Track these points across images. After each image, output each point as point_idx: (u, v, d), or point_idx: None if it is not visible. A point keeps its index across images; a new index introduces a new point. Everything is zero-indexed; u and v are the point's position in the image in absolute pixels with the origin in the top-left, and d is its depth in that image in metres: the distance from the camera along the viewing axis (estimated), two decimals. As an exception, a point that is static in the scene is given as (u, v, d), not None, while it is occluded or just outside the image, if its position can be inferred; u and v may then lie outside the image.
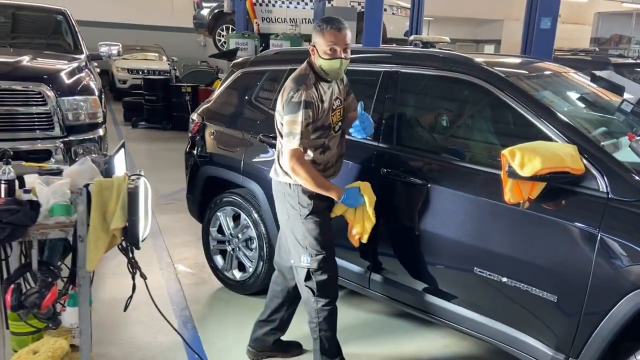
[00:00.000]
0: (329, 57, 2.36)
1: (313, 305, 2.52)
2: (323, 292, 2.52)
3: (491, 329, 2.45)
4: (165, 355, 2.89)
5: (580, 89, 2.85)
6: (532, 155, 2.08)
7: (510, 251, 2.32)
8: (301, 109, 2.31)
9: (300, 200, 2.47)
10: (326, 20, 2.41)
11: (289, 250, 2.58)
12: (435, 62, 2.75)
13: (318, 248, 2.48)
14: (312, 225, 2.47)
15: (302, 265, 2.50)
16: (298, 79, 2.40)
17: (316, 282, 2.50)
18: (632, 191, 2.07)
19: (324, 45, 2.36)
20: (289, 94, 2.35)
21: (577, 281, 2.12)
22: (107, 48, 6.12)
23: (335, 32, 2.35)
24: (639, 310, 1.99)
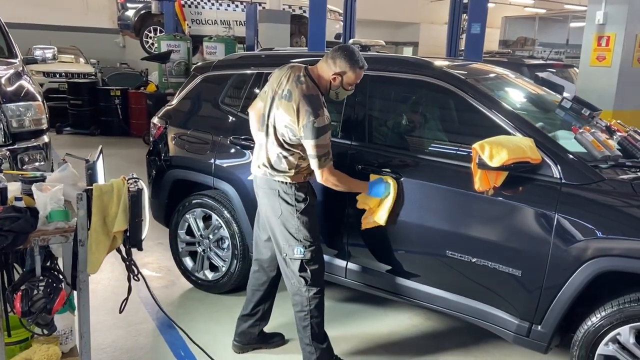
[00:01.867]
0: (350, 89, 2.66)
1: (305, 294, 2.68)
2: (315, 281, 2.68)
3: (463, 305, 2.73)
4: (150, 356, 2.93)
5: (525, 89, 3.21)
6: (499, 148, 2.37)
7: (479, 234, 2.61)
8: (325, 132, 2.51)
9: (297, 196, 2.63)
10: (360, 58, 2.60)
11: (278, 244, 2.72)
12: (401, 66, 2.99)
13: (311, 240, 2.65)
14: (305, 219, 2.64)
15: (295, 257, 2.65)
16: (314, 102, 2.51)
17: (310, 271, 2.66)
18: (581, 176, 2.42)
19: (353, 80, 2.62)
20: (309, 118, 2.47)
21: (539, 257, 2.43)
22: (41, 52, 5.92)
23: (363, 72, 2.64)
24: (590, 279, 2.33)
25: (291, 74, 2.59)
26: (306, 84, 2.55)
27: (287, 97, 2.55)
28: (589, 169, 2.43)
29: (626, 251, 2.26)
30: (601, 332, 2.34)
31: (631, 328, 2.28)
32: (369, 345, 3.12)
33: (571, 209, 2.38)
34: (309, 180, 2.74)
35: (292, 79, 2.57)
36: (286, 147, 2.61)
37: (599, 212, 2.35)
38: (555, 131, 2.87)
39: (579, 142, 2.58)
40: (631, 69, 4.96)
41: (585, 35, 5.01)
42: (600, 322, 2.34)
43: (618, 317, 2.30)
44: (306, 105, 2.49)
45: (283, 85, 2.58)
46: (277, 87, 2.62)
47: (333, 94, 2.65)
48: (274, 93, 2.62)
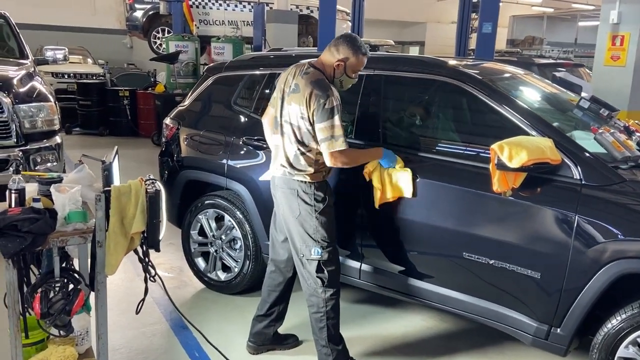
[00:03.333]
0: (354, 77, 2.67)
1: (322, 295, 2.66)
2: (331, 282, 2.67)
3: (479, 307, 2.70)
4: (165, 357, 2.92)
5: (540, 88, 3.18)
6: (518, 148, 2.34)
7: (497, 236, 2.58)
8: (336, 113, 2.50)
9: (316, 196, 2.63)
10: (362, 44, 2.63)
11: (294, 245, 2.71)
12: (416, 66, 2.97)
13: (328, 241, 2.64)
14: (324, 219, 2.63)
15: (312, 257, 2.64)
16: (322, 85, 2.53)
17: (327, 272, 2.65)
18: (601, 177, 2.39)
19: (357, 66, 2.63)
20: (319, 101, 2.49)
21: (559, 259, 2.41)
22: (52, 52, 5.94)
23: (366, 59, 2.66)
24: (611, 282, 2.30)
25: (296, 70, 2.63)
26: (312, 73, 2.59)
27: (295, 90, 2.58)
28: (610, 170, 2.41)
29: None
30: (621, 335, 2.31)
31: (653, 331, 2.26)
32: (383, 347, 3.10)
33: (592, 210, 2.35)
34: (327, 180, 2.73)
35: (298, 74, 2.61)
36: (304, 142, 2.60)
37: (620, 213, 2.33)
38: (572, 131, 2.84)
39: (598, 142, 2.55)
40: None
41: (599, 34, 4.96)
42: (621, 325, 2.31)
43: (639, 320, 2.27)
44: (315, 89, 2.52)
45: (290, 82, 2.62)
46: (285, 86, 2.65)
47: (337, 82, 2.64)
48: (283, 93, 2.65)
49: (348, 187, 2.97)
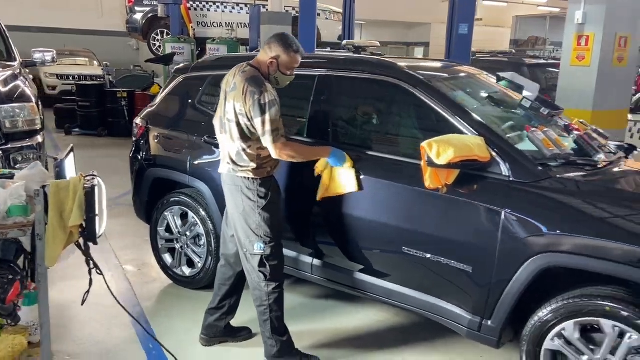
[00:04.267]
0: (289, 74, 2.77)
1: (264, 289, 2.75)
2: (273, 277, 2.76)
3: (420, 301, 2.78)
4: (120, 348, 3.03)
5: (489, 89, 3.25)
6: (446, 146, 2.42)
7: (432, 231, 2.66)
8: (270, 108, 2.58)
9: (259, 192, 2.71)
10: (293, 42, 2.73)
11: (239, 240, 2.80)
12: (364, 67, 3.06)
13: (271, 236, 2.73)
14: (267, 215, 2.71)
15: (255, 252, 2.73)
16: (256, 81, 2.62)
17: (269, 267, 2.74)
18: (528, 174, 2.46)
19: (290, 64, 2.73)
20: (254, 97, 2.58)
21: (488, 252, 2.48)
22: (41, 54, 6.08)
23: (300, 56, 2.75)
24: (536, 275, 2.36)
25: (236, 70, 2.74)
26: (248, 71, 2.70)
27: (234, 88, 2.68)
28: (537, 167, 2.47)
29: (569, 247, 2.29)
30: (547, 327, 2.38)
31: (575, 323, 2.32)
32: (333, 340, 3.18)
33: (518, 205, 2.42)
34: (273, 176, 2.82)
35: (237, 73, 2.72)
36: (245, 138, 2.68)
37: (544, 209, 2.39)
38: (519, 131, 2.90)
39: (530, 140, 2.62)
40: (610, 68, 4.93)
41: (565, 35, 5.00)
42: (546, 317, 2.37)
43: (563, 312, 2.33)
44: (249, 86, 2.61)
45: (230, 82, 2.73)
46: (226, 86, 2.76)
47: (273, 79, 2.73)
48: (225, 93, 2.75)
49: (299, 184, 3.06)
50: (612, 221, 2.28)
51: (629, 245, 2.16)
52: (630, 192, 2.47)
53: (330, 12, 12.17)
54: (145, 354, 2.98)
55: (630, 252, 2.15)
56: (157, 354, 2.97)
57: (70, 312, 3.35)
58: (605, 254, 2.20)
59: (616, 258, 2.18)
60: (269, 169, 2.78)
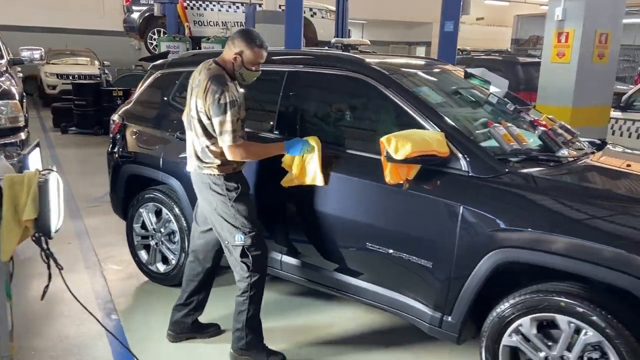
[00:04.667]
0: (255, 69, 2.74)
1: (247, 280, 2.74)
2: (257, 267, 2.75)
3: (383, 296, 2.77)
4: (87, 344, 3.04)
5: (460, 85, 3.23)
6: (404, 141, 2.41)
7: (394, 226, 2.65)
8: (229, 108, 2.57)
9: (227, 186, 2.71)
10: (256, 37, 2.70)
11: (220, 235, 2.79)
12: (333, 63, 3.05)
13: (250, 226, 2.73)
14: (241, 207, 2.72)
15: (237, 243, 2.72)
16: (219, 80, 2.61)
17: (252, 257, 2.73)
18: (486, 169, 2.44)
19: (254, 59, 2.70)
20: (214, 96, 2.57)
21: (447, 248, 2.46)
22: (29, 52, 6.11)
23: (264, 51, 2.72)
24: (493, 270, 2.35)
25: (202, 67, 2.73)
26: (212, 68, 2.68)
27: (198, 85, 2.67)
28: (495, 162, 2.46)
29: (525, 242, 2.27)
30: (505, 323, 2.36)
31: (532, 319, 2.29)
32: (305, 337, 3.17)
33: (475, 201, 2.41)
34: (240, 171, 2.81)
35: (202, 70, 2.71)
36: (208, 135, 2.67)
37: (500, 204, 2.37)
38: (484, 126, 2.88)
39: (492, 135, 2.60)
40: (590, 65, 4.88)
41: (546, 31, 4.95)
42: (504, 313, 2.35)
43: (519, 308, 2.31)
44: (211, 84, 2.60)
45: (195, 78, 2.72)
46: (192, 82, 2.75)
47: (238, 75, 2.72)
48: (191, 89, 2.74)
49: (265, 180, 3.05)
50: (564, 216, 2.25)
51: (579, 240, 2.14)
52: (586, 188, 2.45)
53: (327, 11, 12.16)
54: (111, 350, 2.98)
55: (581, 247, 2.13)
56: (123, 351, 2.97)
57: (42, 309, 3.35)
58: (557, 249, 2.18)
59: (568, 253, 2.16)
60: (235, 164, 2.77)
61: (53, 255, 2.46)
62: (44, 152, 8.89)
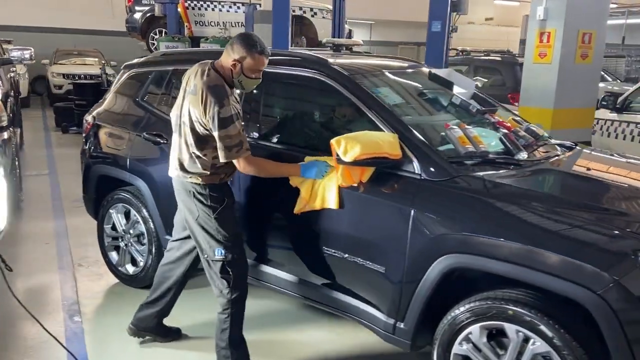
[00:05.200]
0: (255, 77, 2.56)
1: (227, 296, 2.62)
2: (237, 284, 2.62)
3: (341, 302, 2.70)
4: (43, 345, 2.99)
5: (426, 87, 3.15)
6: (353, 143, 2.34)
7: (348, 230, 2.58)
8: (233, 121, 2.44)
9: (212, 198, 2.58)
10: (257, 42, 2.51)
11: (199, 246, 2.67)
12: (295, 63, 2.99)
13: (232, 240, 2.61)
14: (224, 220, 2.59)
15: (216, 258, 2.59)
16: (218, 92, 2.44)
17: (232, 273, 2.61)
18: (438, 172, 2.37)
19: (255, 66, 2.52)
20: (215, 109, 2.40)
21: (399, 252, 2.39)
22: (19, 52, 6.14)
23: (265, 58, 2.53)
24: (443, 275, 2.27)
25: (198, 70, 2.55)
26: (210, 76, 2.50)
27: (193, 91, 2.50)
28: (447, 164, 2.38)
29: (471, 248, 2.20)
30: (455, 331, 2.28)
31: (482, 327, 2.22)
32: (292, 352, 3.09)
33: (425, 204, 2.34)
34: (227, 182, 2.68)
35: (199, 74, 2.53)
36: (199, 146, 2.53)
37: (449, 208, 2.30)
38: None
39: (447, 138, 2.53)
40: (573, 65, 4.74)
41: (528, 31, 4.83)
42: (454, 320, 2.28)
43: (469, 316, 2.23)
44: (210, 95, 2.43)
45: (191, 82, 2.55)
46: (186, 84, 2.59)
47: (237, 83, 2.55)
48: (184, 91, 2.59)
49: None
50: (509, 221, 2.18)
51: (521, 246, 2.06)
52: (537, 192, 2.35)
53: (327, 11, 12.08)
54: (66, 354, 2.93)
55: (524, 253, 2.05)
56: (81, 353, 2.94)
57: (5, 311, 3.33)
58: (500, 255, 2.10)
59: (511, 259, 2.08)
60: (223, 175, 2.63)
61: (2, 257, 2.45)
62: (42, 152, 8.98)
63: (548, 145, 2.88)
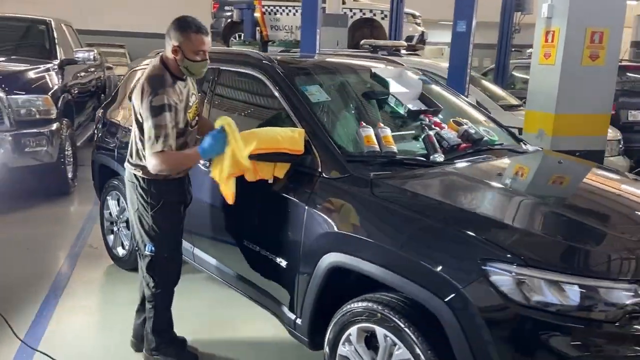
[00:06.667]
0: (200, 59, 2.44)
1: (152, 290, 2.64)
2: (161, 284, 2.63)
3: (261, 296, 2.75)
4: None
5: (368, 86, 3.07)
6: (252, 138, 2.39)
7: (260, 224, 2.64)
8: (164, 112, 2.34)
9: (152, 195, 2.54)
10: (191, 22, 2.42)
11: (134, 236, 2.67)
12: (240, 60, 3.09)
13: (165, 240, 2.59)
14: (160, 219, 2.55)
15: (146, 253, 2.60)
16: (156, 81, 2.40)
17: (158, 272, 2.61)
18: (336, 170, 2.34)
19: (195, 47, 2.40)
20: (148, 97, 2.34)
21: (295, 249, 2.41)
22: (83, 54, 6.81)
23: (204, 36, 2.43)
24: (328, 271, 2.25)
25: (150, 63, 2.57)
26: (153, 67, 2.47)
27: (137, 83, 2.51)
28: (344, 163, 2.35)
29: (348, 248, 2.16)
30: (338, 331, 2.25)
31: (359, 329, 2.17)
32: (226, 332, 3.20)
33: (316, 201, 2.33)
34: (177, 179, 2.61)
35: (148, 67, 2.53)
36: (142, 137, 2.48)
37: (334, 206, 2.27)
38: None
39: (357, 136, 2.49)
40: (579, 67, 4.26)
41: (536, 30, 4.41)
42: (337, 320, 2.25)
43: (349, 317, 2.19)
44: (147, 85, 2.39)
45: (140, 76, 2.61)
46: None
47: (185, 70, 2.45)
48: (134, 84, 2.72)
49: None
50: (377, 222, 2.10)
51: (385, 247, 2.00)
52: (414, 194, 2.21)
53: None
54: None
55: (386, 255, 1.99)
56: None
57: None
58: (367, 256, 2.05)
59: (375, 260, 2.02)
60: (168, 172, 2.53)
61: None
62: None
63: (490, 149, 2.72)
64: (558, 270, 1.72)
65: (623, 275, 1.74)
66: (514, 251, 1.76)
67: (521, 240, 1.86)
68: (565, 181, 2.75)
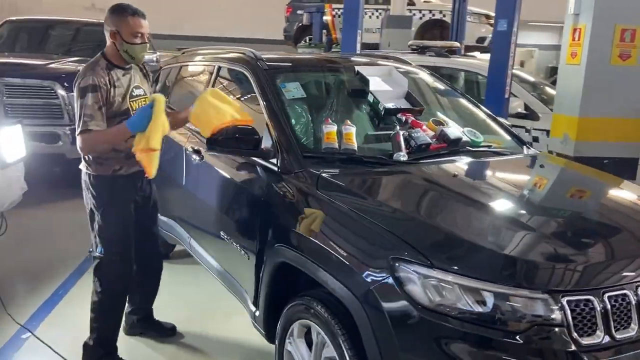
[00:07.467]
0: (139, 42, 2.45)
1: (98, 296, 2.58)
2: (109, 288, 2.56)
3: (237, 289, 2.82)
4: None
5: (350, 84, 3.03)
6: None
7: (230, 216, 2.73)
8: (88, 92, 2.33)
9: (100, 192, 2.49)
10: (127, 6, 2.45)
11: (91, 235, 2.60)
12: (232, 59, 3.18)
13: (113, 241, 2.52)
14: (110, 218, 2.50)
15: (95, 254, 2.55)
16: (87, 67, 2.43)
17: (105, 275, 2.56)
18: (291, 166, 2.36)
19: (132, 29, 2.41)
20: (76, 80, 2.39)
21: (254, 242, 2.45)
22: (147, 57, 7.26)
23: (141, 19, 2.45)
24: (276, 268, 2.27)
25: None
26: (93, 58, 2.50)
27: None
28: (299, 159, 2.36)
29: (293, 242, 2.16)
30: (285, 326, 2.27)
31: (299, 324, 2.18)
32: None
33: (270, 195, 2.37)
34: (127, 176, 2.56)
35: None
36: None
37: (285, 200, 2.29)
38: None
39: (321, 133, 2.49)
40: (607, 67, 3.83)
41: (564, 28, 4.04)
42: (283, 315, 2.26)
43: (293, 312, 2.19)
44: (80, 72, 2.42)
45: None
46: None
47: (126, 55, 2.45)
48: None
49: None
50: (313, 217, 2.09)
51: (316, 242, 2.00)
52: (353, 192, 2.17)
53: (470, 13, 11.51)
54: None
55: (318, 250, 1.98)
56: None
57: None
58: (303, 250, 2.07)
59: (309, 255, 2.04)
60: (116, 167, 2.50)
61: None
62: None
63: (470, 151, 2.61)
64: (465, 275, 1.63)
65: (536, 285, 1.62)
66: (424, 252, 1.70)
67: (438, 242, 1.78)
68: (523, 185, 2.52)
